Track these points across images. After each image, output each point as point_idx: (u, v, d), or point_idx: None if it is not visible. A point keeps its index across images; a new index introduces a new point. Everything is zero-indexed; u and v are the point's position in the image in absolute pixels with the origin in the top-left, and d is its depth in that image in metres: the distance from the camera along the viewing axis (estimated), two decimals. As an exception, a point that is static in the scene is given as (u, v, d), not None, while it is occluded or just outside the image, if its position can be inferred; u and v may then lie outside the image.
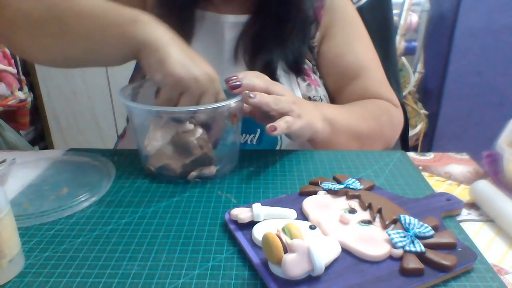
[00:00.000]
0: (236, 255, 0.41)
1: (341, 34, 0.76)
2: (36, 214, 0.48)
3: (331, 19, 0.76)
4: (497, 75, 1.77)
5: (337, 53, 0.76)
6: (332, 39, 0.76)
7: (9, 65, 1.61)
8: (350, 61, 0.75)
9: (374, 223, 0.44)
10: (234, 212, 0.45)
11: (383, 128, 0.72)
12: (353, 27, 0.78)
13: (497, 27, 1.70)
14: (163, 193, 0.53)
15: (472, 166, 0.61)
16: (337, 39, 0.76)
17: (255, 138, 0.72)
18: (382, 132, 0.72)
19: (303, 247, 0.36)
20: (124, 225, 0.46)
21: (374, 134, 0.71)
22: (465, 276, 0.39)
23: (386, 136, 0.74)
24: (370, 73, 0.76)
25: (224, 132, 0.56)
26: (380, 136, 0.72)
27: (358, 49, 0.77)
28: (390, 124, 0.74)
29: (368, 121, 0.70)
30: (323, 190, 0.50)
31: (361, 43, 0.78)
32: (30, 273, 0.39)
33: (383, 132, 0.73)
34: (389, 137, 0.75)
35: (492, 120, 1.80)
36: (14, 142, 1.45)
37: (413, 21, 1.78)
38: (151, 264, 0.40)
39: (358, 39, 0.78)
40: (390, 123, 0.74)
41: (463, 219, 0.48)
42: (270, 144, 0.71)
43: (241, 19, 0.72)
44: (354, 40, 0.77)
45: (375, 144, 0.72)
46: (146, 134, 0.55)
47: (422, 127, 1.91)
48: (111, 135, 2.09)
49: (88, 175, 0.56)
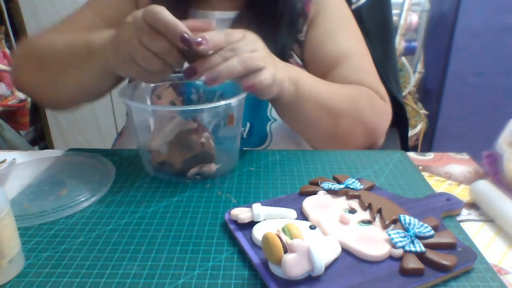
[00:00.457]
0: (236, 255, 0.41)
1: (324, 24, 0.74)
2: (36, 214, 0.48)
3: (317, 11, 0.75)
4: (497, 75, 1.77)
5: (318, 42, 0.74)
6: (315, 28, 0.75)
7: (9, 65, 1.61)
8: (329, 50, 0.73)
9: (374, 223, 0.44)
10: (234, 212, 0.45)
11: (362, 110, 0.67)
12: (338, 17, 0.76)
13: (497, 27, 1.70)
14: (163, 193, 0.53)
15: (472, 166, 0.61)
16: (320, 28, 0.74)
17: (245, 132, 0.72)
18: (361, 115, 0.66)
19: (303, 247, 0.36)
20: (124, 225, 0.46)
21: (351, 115, 0.65)
22: (465, 276, 0.39)
23: (367, 120, 0.67)
24: (350, 61, 0.72)
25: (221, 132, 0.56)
26: (359, 119, 0.66)
27: (340, 38, 0.74)
28: (371, 109, 0.68)
29: (343, 98, 0.65)
30: (323, 190, 0.50)
31: (343, 32, 0.75)
32: (30, 273, 0.39)
33: (362, 115, 0.66)
34: (371, 123, 0.68)
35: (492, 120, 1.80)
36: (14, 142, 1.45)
37: (413, 21, 1.78)
38: (151, 264, 0.40)
39: (341, 28, 0.75)
40: (371, 109, 0.68)
41: (463, 219, 0.48)
42: (260, 137, 0.72)
43: (228, 15, 0.73)
44: (337, 29, 0.74)
45: (353, 127, 0.66)
46: (145, 133, 0.55)
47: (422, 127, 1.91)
48: (111, 135, 2.09)
49: (88, 175, 0.56)
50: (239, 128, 0.59)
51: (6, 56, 1.61)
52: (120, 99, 0.54)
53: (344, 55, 0.72)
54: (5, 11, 1.69)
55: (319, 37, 0.74)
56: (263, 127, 0.73)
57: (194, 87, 0.64)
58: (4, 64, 1.59)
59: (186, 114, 0.54)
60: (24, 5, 1.76)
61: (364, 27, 0.82)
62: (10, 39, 1.72)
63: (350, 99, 0.66)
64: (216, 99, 0.63)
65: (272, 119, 0.73)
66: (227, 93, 0.60)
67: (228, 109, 0.55)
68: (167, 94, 0.65)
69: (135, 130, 0.57)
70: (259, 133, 0.72)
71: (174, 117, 0.54)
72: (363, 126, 0.67)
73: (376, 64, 0.77)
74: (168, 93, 0.65)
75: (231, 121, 0.56)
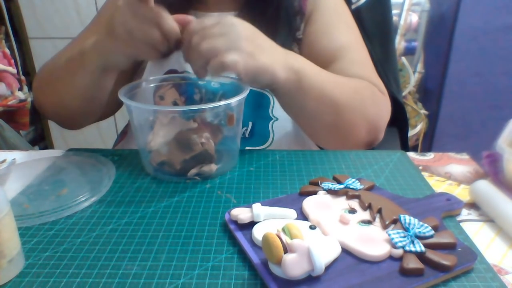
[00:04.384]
0: (236, 255, 0.41)
1: (320, 19, 0.74)
2: (36, 214, 0.48)
3: (314, 7, 0.75)
4: (497, 75, 1.77)
5: (315, 38, 0.73)
6: (312, 25, 0.74)
7: (9, 65, 1.61)
8: (326, 45, 0.72)
9: (374, 223, 0.44)
10: (234, 212, 0.45)
11: (364, 103, 0.65)
12: (334, 12, 0.76)
13: (497, 27, 1.70)
14: (163, 193, 0.53)
15: (472, 166, 0.61)
16: (316, 24, 0.74)
17: (247, 131, 0.72)
18: (363, 106, 0.65)
19: (303, 247, 0.36)
20: (124, 225, 0.46)
21: (354, 107, 0.64)
22: (465, 276, 0.39)
23: (369, 114, 0.66)
24: (348, 55, 0.71)
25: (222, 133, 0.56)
26: (360, 110, 0.65)
27: (336, 33, 0.73)
28: (372, 102, 0.67)
29: (347, 90, 0.64)
30: (323, 190, 0.50)
31: (340, 27, 0.74)
32: (30, 273, 0.39)
33: (364, 106, 0.65)
34: (373, 116, 0.67)
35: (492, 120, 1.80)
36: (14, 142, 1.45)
37: (413, 21, 1.78)
38: (151, 264, 0.40)
39: (338, 23, 0.75)
40: (373, 101, 0.67)
41: (463, 219, 0.48)
42: (262, 137, 0.72)
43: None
44: (333, 24, 0.74)
45: (356, 119, 0.64)
46: (145, 133, 0.55)
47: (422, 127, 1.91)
48: (111, 135, 2.08)
49: (88, 175, 0.56)
50: (239, 128, 0.59)
51: (6, 56, 1.61)
52: (120, 99, 0.54)
53: (341, 50, 0.72)
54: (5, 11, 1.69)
55: (316, 33, 0.74)
56: (265, 126, 0.73)
57: (196, 87, 0.64)
58: (4, 64, 1.58)
59: (185, 114, 0.54)
60: (24, 5, 1.76)
61: (364, 27, 0.82)
62: (10, 39, 1.72)
63: (353, 91, 0.65)
64: (217, 99, 0.63)
65: (274, 118, 0.73)
66: (228, 93, 0.60)
67: (228, 109, 0.55)
68: (169, 94, 0.66)
69: (135, 130, 0.57)
70: (261, 132, 0.72)
71: (174, 117, 0.54)
72: (366, 120, 0.66)
73: (376, 64, 0.77)
74: (171, 93, 0.65)
75: (231, 121, 0.56)
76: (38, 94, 0.73)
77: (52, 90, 0.69)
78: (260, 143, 0.73)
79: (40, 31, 1.80)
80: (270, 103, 0.72)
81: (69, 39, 0.79)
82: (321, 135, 0.68)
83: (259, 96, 0.72)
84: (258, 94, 0.72)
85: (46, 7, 1.76)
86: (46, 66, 0.73)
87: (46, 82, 0.71)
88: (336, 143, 0.67)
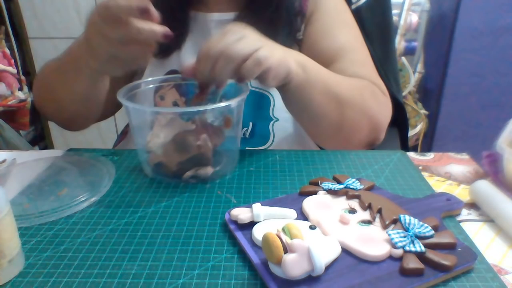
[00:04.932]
0: (236, 255, 0.41)
1: (321, 20, 0.74)
2: (36, 214, 0.48)
3: (314, 7, 0.75)
4: (497, 75, 1.77)
5: (316, 38, 0.74)
6: (312, 25, 0.75)
7: (9, 65, 1.60)
8: (327, 45, 0.72)
9: (374, 223, 0.44)
10: (234, 212, 0.45)
11: (367, 101, 0.66)
12: (335, 12, 0.76)
13: (497, 27, 1.70)
14: (163, 193, 0.53)
15: (472, 166, 0.61)
16: (317, 24, 0.74)
17: (248, 132, 0.72)
18: (366, 105, 0.65)
19: (303, 247, 0.36)
20: (124, 225, 0.46)
21: (357, 105, 0.64)
22: (465, 276, 0.39)
23: (372, 112, 0.66)
24: (348, 55, 0.71)
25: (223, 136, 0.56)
26: (363, 109, 0.65)
27: (337, 33, 0.73)
28: (374, 101, 0.67)
29: (349, 88, 0.64)
30: (323, 190, 0.50)
31: (340, 27, 0.74)
32: (30, 273, 0.39)
33: (366, 104, 0.65)
34: (375, 115, 0.67)
35: (492, 120, 1.80)
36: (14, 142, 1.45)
37: (413, 21, 1.78)
38: (151, 264, 0.40)
39: (338, 23, 0.75)
40: (375, 101, 0.67)
41: (463, 219, 0.48)
42: (262, 137, 0.72)
43: (227, 16, 0.73)
44: (334, 24, 0.74)
45: (358, 116, 0.65)
46: (144, 134, 0.55)
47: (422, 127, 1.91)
48: (111, 135, 2.08)
49: (88, 175, 0.56)
50: (239, 129, 0.59)
51: (6, 56, 1.61)
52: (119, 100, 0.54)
53: (342, 50, 0.72)
54: (5, 11, 1.69)
55: (317, 33, 0.74)
56: (265, 127, 0.73)
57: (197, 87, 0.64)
58: (4, 64, 1.58)
59: (183, 116, 0.54)
60: (24, 5, 1.76)
61: (364, 27, 0.81)
62: (10, 39, 1.71)
63: (356, 89, 0.65)
64: (218, 100, 0.63)
65: (275, 119, 0.73)
66: (228, 94, 0.60)
67: (226, 111, 0.54)
68: (170, 94, 0.66)
69: (133, 131, 0.57)
70: (261, 132, 0.72)
71: (173, 118, 0.54)
72: (369, 118, 0.66)
73: (376, 64, 0.77)
74: (171, 94, 0.65)
75: (228, 124, 0.56)
76: (37, 98, 0.73)
77: (50, 95, 0.69)
78: (260, 144, 0.73)
79: (40, 31, 1.80)
80: (270, 104, 0.72)
81: (69, 39, 0.78)
82: (324, 134, 0.68)
83: (259, 97, 0.72)
84: (258, 95, 0.72)
85: (46, 7, 1.76)
86: (44, 69, 0.72)
87: (44, 87, 0.71)
88: (339, 142, 0.67)
